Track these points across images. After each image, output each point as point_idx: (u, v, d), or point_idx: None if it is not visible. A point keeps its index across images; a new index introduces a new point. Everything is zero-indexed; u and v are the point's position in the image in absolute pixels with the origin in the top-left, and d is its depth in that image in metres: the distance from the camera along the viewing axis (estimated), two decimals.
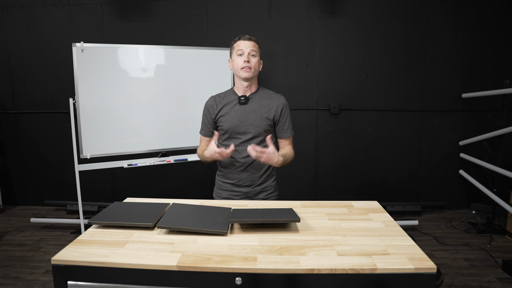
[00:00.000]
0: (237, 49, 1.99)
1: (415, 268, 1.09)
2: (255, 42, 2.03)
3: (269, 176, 2.13)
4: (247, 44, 1.99)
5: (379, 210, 1.64)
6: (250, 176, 2.06)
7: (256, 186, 2.08)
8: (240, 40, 2.01)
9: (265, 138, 1.99)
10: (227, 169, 2.09)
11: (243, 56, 1.96)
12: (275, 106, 2.04)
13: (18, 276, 2.79)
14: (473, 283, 2.67)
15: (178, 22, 4.04)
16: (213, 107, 2.07)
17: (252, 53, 1.98)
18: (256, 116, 2.01)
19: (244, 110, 2.02)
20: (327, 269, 1.09)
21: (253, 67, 1.98)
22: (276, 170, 2.20)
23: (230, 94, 2.09)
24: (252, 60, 1.98)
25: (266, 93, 2.09)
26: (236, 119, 2.01)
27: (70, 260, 1.15)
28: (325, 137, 4.17)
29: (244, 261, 1.13)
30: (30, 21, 4.10)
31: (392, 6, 3.94)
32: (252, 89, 2.06)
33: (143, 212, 1.50)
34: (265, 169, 2.09)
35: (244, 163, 2.04)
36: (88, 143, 3.13)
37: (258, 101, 2.05)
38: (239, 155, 2.04)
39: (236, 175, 2.07)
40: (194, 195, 4.29)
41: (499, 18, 3.90)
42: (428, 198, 4.24)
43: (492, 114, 3.98)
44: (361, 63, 4.05)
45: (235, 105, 2.04)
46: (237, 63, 1.99)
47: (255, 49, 2.00)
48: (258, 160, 1.84)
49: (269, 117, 2.02)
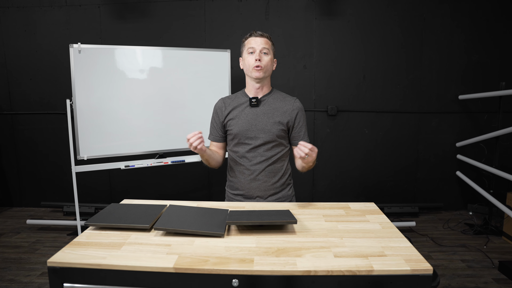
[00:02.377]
0: (248, 47, 1.83)
1: (411, 270, 1.10)
2: (268, 38, 1.85)
3: (285, 184, 1.95)
4: (259, 41, 1.81)
5: (376, 212, 1.64)
6: (262, 185, 1.88)
7: (270, 196, 1.90)
8: (251, 37, 1.84)
9: (285, 148, 1.87)
10: (236, 178, 1.92)
11: (254, 54, 1.80)
12: (290, 110, 1.88)
13: (13, 279, 2.77)
14: (470, 284, 2.68)
15: (175, 23, 4.04)
16: (221, 109, 1.92)
17: (264, 50, 1.81)
18: (268, 120, 1.84)
19: (255, 113, 1.86)
20: (324, 270, 1.09)
21: (264, 66, 1.81)
22: (292, 177, 2.03)
23: (241, 96, 1.93)
24: (264, 59, 1.81)
25: (280, 96, 1.93)
26: (246, 122, 1.85)
27: (66, 262, 1.15)
28: (322, 138, 4.17)
29: (241, 263, 1.13)
30: (27, 21, 4.09)
31: (389, 8, 3.95)
32: (264, 91, 1.91)
33: (140, 214, 1.50)
34: (279, 176, 1.91)
35: (255, 171, 1.87)
36: (85, 144, 3.12)
37: (270, 103, 1.88)
38: (248, 162, 1.87)
39: (246, 184, 1.89)
40: (192, 196, 4.28)
41: (494, 20, 3.92)
42: (425, 200, 4.25)
43: (489, 115, 4.00)
44: (359, 65, 4.06)
45: (246, 107, 1.88)
46: (248, 62, 1.83)
47: (268, 46, 1.83)
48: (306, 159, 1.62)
49: (282, 122, 1.86)
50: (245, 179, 1.89)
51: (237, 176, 1.92)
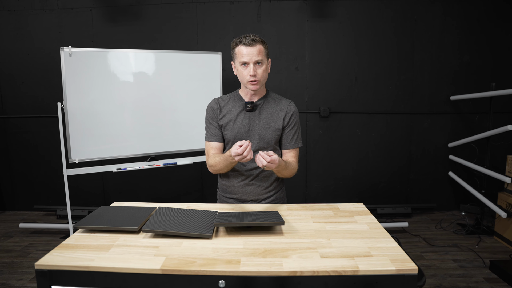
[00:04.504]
0: (240, 60, 1.70)
1: (396, 270, 1.11)
2: (261, 44, 1.70)
3: (278, 187, 1.93)
4: (251, 52, 1.67)
5: (364, 213, 1.65)
6: (255, 189, 1.86)
7: (263, 200, 1.88)
8: (242, 46, 1.68)
9: (279, 151, 1.82)
10: (229, 182, 1.88)
11: (248, 69, 1.69)
12: (283, 114, 1.83)
13: (5, 283, 2.76)
14: (461, 283, 2.70)
15: (167, 26, 4.04)
16: (216, 110, 1.84)
17: (258, 61, 1.69)
18: (264, 125, 1.80)
19: (250, 118, 1.81)
20: (310, 271, 1.10)
21: (260, 78, 1.71)
22: (284, 180, 2.00)
23: (236, 98, 1.86)
24: (259, 71, 1.70)
25: (275, 99, 1.88)
26: (241, 128, 1.80)
27: (54, 264, 1.15)
28: (315, 140, 4.19)
29: (227, 264, 1.14)
30: (18, 25, 4.08)
31: (380, 10, 3.98)
32: (260, 94, 1.84)
33: (129, 216, 1.50)
34: (272, 179, 1.89)
35: (249, 176, 1.85)
36: (77, 148, 3.11)
37: (266, 108, 1.83)
38: (243, 168, 1.84)
39: (240, 189, 1.86)
40: (185, 198, 4.28)
41: (485, 21, 3.96)
42: (418, 200, 4.28)
43: (480, 116, 4.03)
44: (351, 66, 4.08)
45: (241, 112, 1.82)
46: (242, 74, 1.73)
47: (261, 55, 1.69)
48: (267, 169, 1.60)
49: (278, 127, 1.82)
50: (238, 184, 1.87)
51: (230, 180, 1.89)
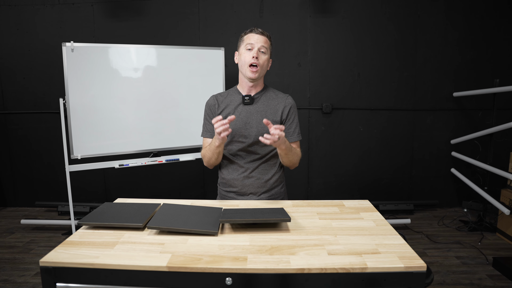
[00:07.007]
0: (247, 42, 1.81)
1: (405, 267, 1.10)
2: (268, 37, 1.84)
3: (277, 181, 1.95)
4: (259, 39, 1.80)
5: (370, 209, 1.64)
6: (255, 182, 1.88)
7: (262, 194, 1.90)
8: (251, 33, 1.82)
9: None
10: (229, 175, 1.91)
11: (252, 51, 1.79)
12: (282, 108, 1.88)
13: (8, 279, 2.75)
14: (464, 280, 2.69)
15: (169, 21, 4.02)
16: (214, 106, 1.90)
17: (263, 49, 1.80)
18: (261, 118, 1.83)
19: (248, 111, 1.86)
20: (318, 268, 1.09)
21: (261, 65, 1.80)
22: (285, 175, 2.04)
23: (233, 93, 1.93)
24: (261, 58, 1.80)
25: (273, 93, 1.93)
26: (239, 121, 1.84)
27: (59, 261, 1.14)
28: (317, 136, 4.18)
29: (234, 261, 1.13)
30: (19, 20, 4.05)
31: (383, 6, 3.95)
32: (257, 88, 1.90)
33: (133, 213, 1.49)
34: (272, 173, 1.92)
35: (248, 168, 1.87)
36: (79, 144, 3.10)
37: (264, 101, 1.88)
38: (242, 160, 1.88)
39: (240, 181, 1.88)
40: (187, 195, 4.27)
41: (489, 17, 3.93)
42: (420, 197, 4.27)
43: (483, 112, 4.02)
44: (353, 62, 4.06)
45: (239, 105, 1.88)
46: (244, 57, 1.81)
47: (266, 45, 1.82)
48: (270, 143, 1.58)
49: (276, 120, 1.86)
50: (238, 176, 1.89)
51: (230, 173, 1.91)
